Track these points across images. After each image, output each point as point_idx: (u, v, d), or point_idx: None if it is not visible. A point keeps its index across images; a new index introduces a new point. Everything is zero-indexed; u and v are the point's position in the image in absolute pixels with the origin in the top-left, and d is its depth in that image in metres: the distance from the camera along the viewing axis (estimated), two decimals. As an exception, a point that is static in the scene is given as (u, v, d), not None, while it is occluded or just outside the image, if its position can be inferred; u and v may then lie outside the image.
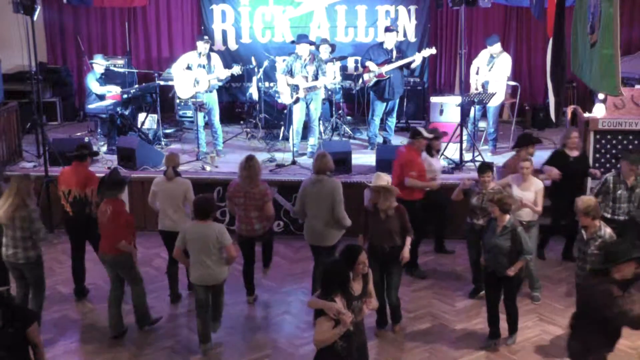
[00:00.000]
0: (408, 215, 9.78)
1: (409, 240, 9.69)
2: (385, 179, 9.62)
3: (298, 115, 14.75)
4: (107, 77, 15.87)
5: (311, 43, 15.05)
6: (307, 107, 14.81)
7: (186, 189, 10.73)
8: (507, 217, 9.21)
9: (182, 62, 14.74)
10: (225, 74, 14.89)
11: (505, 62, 14.85)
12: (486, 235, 9.45)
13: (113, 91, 15.44)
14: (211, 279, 9.34)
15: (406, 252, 9.64)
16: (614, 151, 12.71)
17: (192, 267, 9.37)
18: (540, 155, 14.41)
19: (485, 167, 10.59)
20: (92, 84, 15.28)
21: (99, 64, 15.49)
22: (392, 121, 15.69)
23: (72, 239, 11.19)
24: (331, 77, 15.22)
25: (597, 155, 12.74)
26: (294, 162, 14.23)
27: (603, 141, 12.76)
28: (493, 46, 14.76)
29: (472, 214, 10.70)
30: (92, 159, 11.86)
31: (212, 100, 14.92)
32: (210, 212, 9.33)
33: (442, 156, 13.86)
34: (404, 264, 9.78)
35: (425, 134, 11.54)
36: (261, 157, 14.28)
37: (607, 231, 8.63)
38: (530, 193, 10.44)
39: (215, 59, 14.94)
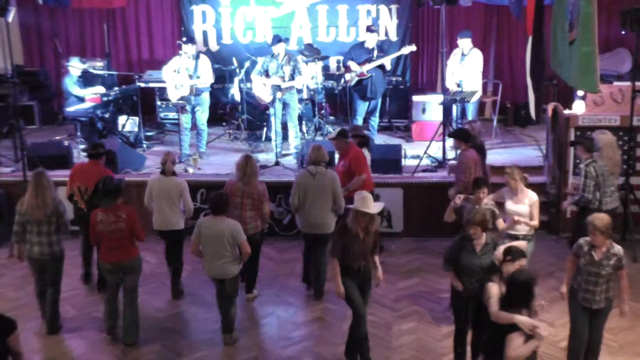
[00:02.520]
0: None
1: (377, 259, 9.19)
2: (372, 201, 8.88)
3: (276, 116, 14.73)
4: (86, 80, 15.78)
5: (285, 41, 15.17)
6: (284, 108, 14.83)
7: (182, 189, 10.87)
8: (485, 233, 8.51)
9: (172, 66, 14.69)
10: (209, 81, 14.77)
11: (476, 58, 14.98)
12: (463, 257, 8.48)
13: (96, 92, 15.36)
14: (223, 274, 9.53)
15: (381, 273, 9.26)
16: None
17: (206, 261, 9.60)
18: (522, 153, 14.56)
19: (480, 182, 9.87)
20: (72, 87, 15.20)
21: (75, 67, 15.40)
22: (374, 120, 15.71)
23: (86, 234, 11.04)
24: (309, 76, 15.26)
25: (578, 152, 12.77)
26: (277, 163, 14.19)
27: (584, 138, 12.81)
28: (463, 41, 14.87)
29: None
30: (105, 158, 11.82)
31: (204, 102, 14.84)
32: (225, 208, 9.53)
33: (425, 154, 13.90)
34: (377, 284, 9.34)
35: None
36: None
37: (618, 247, 8.32)
38: (524, 206, 9.90)
39: (204, 63, 14.74)
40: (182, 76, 14.44)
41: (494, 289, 7.49)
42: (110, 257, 9.67)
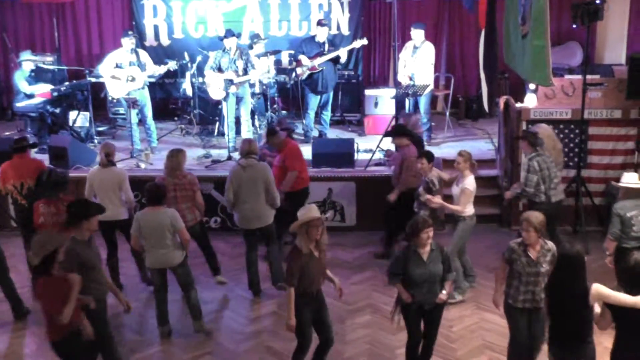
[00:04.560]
0: (295, 204, 9.88)
1: (337, 279, 8.69)
2: (317, 210, 8.37)
3: (229, 111, 14.72)
4: (37, 75, 15.61)
5: (237, 36, 15.14)
6: (237, 102, 14.78)
7: (122, 179, 10.82)
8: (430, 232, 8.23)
9: (110, 62, 14.59)
10: (159, 69, 14.82)
11: (428, 51, 15.00)
12: (411, 268, 8.19)
13: (42, 90, 15.20)
14: (167, 262, 9.54)
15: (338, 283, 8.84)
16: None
17: (148, 252, 9.56)
18: (474, 146, 14.63)
19: (421, 154, 10.75)
20: (21, 83, 15.05)
21: (29, 60, 15.22)
22: (327, 114, 15.71)
23: (27, 230, 10.94)
24: (262, 70, 15.20)
25: (530, 145, 12.86)
26: (229, 158, 14.13)
27: (535, 130, 12.90)
28: (417, 32, 14.91)
29: (418, 204, 10.68)
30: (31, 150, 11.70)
31: (144, 97, 14.79)
32: (162, 198, 9.53)
33: (378, 148, 13.93)
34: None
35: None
36: (196, 153, 14.35)
37: (550, 243, 8.29)
38: (457, 189, 10.39)
39: (144, 55, 14.86)
40: (132, 69, 14.34)
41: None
42: None
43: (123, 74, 14.37)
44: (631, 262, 6.85)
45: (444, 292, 8.36)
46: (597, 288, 6.98)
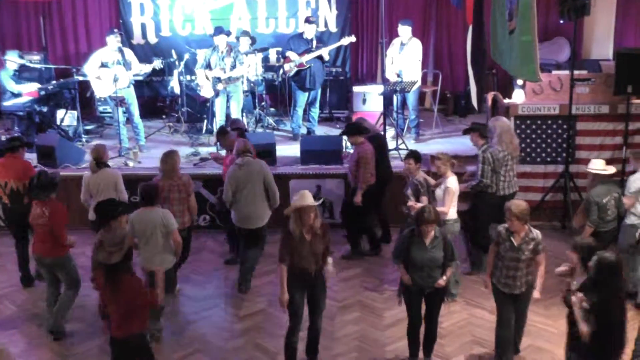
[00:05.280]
0: None
1: (331, 260, 8.88)
2: (311, 197, 8.57)
3: (220, 109, 14.70)
4: (24, 74, 15.56)
5: (228, 33, 15.02)
6: (228, 100, 14.75)
7: (116, 180, 10.79)
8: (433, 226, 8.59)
9: (95, 61, 14.54)
10: (145, 67, 14.81)
11: (415, 48, 14.97)
12: (413, 252, 8.54)
13: (29, 89, 15.15)
14: (156, 264, 9.30)
15: (332, 272, 9.09)
16: (533, 136, 12.87)
17: (143, 253, 9.48)
18: (462, 142, 14.62)
19: (408, 154, 10.77)
20: (7, 81, 14.99)
21: (12, 60, 15.17)
22: (315, 112, 15.69)
23: (14, 229, 11.19)
24: (250, 66, 15.20)
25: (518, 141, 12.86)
26: (218, 156, 14.11)
27: (523, 126, 12.93)
28: (404, 28, 14.88)
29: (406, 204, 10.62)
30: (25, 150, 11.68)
31: (130, 95, 14.76)
32: (156, 198, 9.51)
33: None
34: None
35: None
36: (185, 151, 14.25)
37: (537, 232, 8.57)
38: (440, 191, 10.40)
39: (129, 53, 14.84)
40: (117, 68, 14.32)
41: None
42: (35, 249, 9.79)
43: (108, 73, 14.32)
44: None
45: (444, 277, 8.60)
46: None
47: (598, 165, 10.22)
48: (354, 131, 11.75)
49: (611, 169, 10.33)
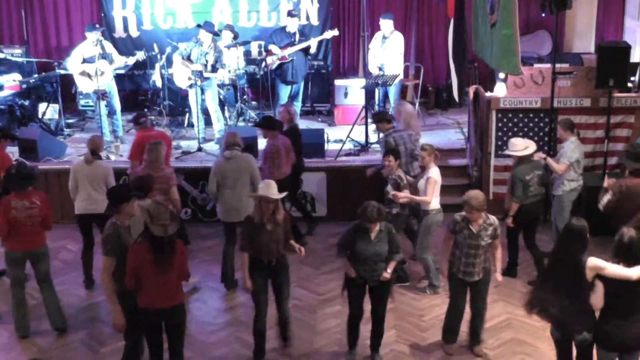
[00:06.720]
0: None
1: (297, 247, 9.10)
2: (275, 188, 8.80)
3: (194, 101, 14.71)
4: (4, 67, 15.50)
5: (216, 34, 15.01)
6: (203, 92, 14.74)
7: (107, 173, 10.79)
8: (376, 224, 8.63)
9: (77, 56, 14.52)
10: (129, 60, 14.80)
11: (397, 41, 15.09)
12: (358, 245, 8.60)
13: (10, 82, 15.09)
14: None
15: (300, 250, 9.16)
16: (515, 129, 12.89)
17: None
18: (444, 136, 14.67)
19: (387, 152, 10.78)
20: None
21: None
22: (297, 105, 15.64)
23: None
24: (231, 67, 15.23)
25: (500, 134, 12.89)
26: (199, 149, 14.12)
27: (505, 119, 12.93)
28: (385, 22, 15.00)
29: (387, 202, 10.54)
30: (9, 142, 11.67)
31: (112, 88, 14.80)
32: (149, 190, 9.37)
33: (348, 138, 14.00)
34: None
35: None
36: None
37: (493, 217, 8.85)
38: (422, 182, 10.52)
39: (109, 46, 14.85)
40: (101, 63, 14.28)
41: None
42: (22, 245, 9.51)
43: (92, 68, 14.28)
44: (625, 239, 7.13)
45: (388, 270, 8.70)
46: (593, 260, 7.19)
47: (519, 147, 10.62)
48: (263, 126, 11.79)
49: (532, 147, 10.71)
